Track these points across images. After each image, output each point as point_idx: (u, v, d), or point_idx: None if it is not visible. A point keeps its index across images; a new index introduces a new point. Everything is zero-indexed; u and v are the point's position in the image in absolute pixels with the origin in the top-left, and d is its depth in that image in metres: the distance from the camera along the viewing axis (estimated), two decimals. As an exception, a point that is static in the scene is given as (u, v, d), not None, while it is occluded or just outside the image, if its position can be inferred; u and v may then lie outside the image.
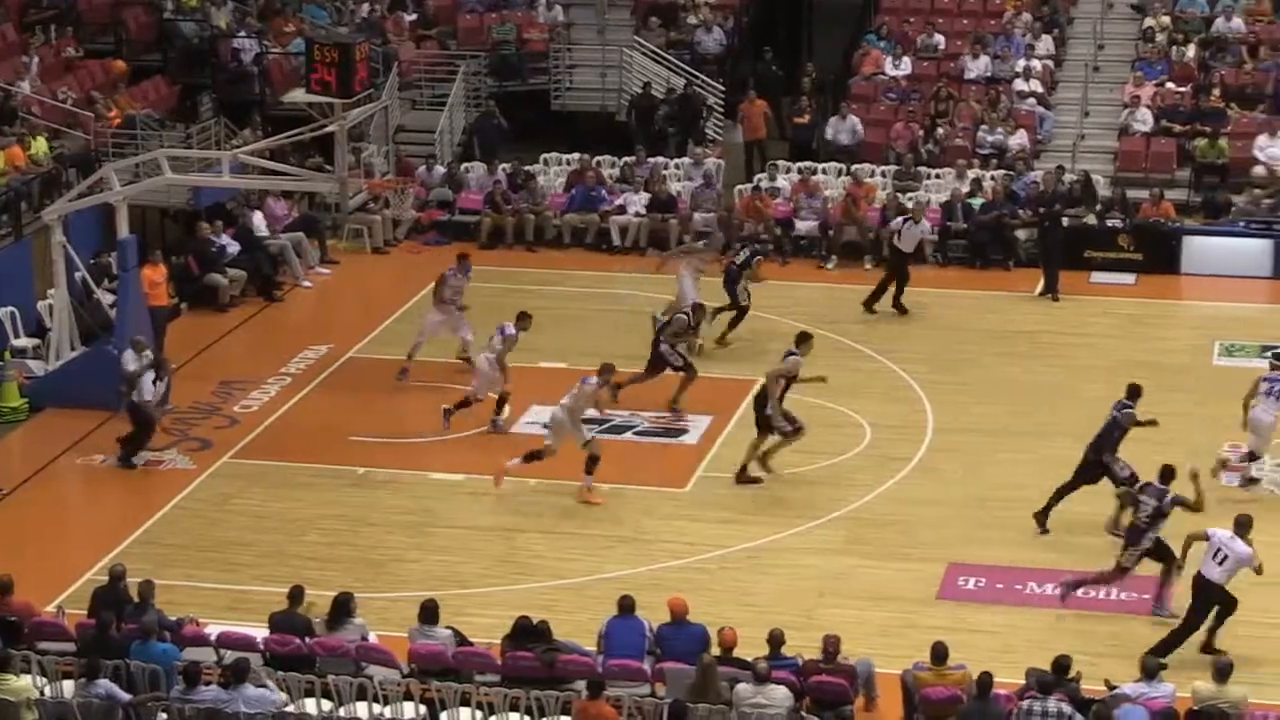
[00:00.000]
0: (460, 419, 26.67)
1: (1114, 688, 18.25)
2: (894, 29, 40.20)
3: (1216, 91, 37.07)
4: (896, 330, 30.83)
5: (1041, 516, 23.69)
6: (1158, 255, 33.82)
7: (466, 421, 26.85)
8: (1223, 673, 18.10)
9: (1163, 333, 31.32)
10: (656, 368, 27.61)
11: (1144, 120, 36.89)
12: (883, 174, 36.61)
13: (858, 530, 23.96)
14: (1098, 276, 33.48)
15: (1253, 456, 25.15)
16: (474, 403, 26.76)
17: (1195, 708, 17.91)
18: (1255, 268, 33.48)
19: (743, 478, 25.24)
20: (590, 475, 24.73)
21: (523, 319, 27.04)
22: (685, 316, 27.88)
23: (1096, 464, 23.68)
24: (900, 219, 32.26)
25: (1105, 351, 29.94)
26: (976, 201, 34.91)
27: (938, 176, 36.44)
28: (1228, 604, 20.39)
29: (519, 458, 24.93)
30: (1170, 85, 37.61)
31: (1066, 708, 17.71)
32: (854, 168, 36.51)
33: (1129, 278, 33.55)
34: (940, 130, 37.40)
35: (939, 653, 18.60)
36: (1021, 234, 34.45)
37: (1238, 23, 38.77)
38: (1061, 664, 18.27)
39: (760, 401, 25.29)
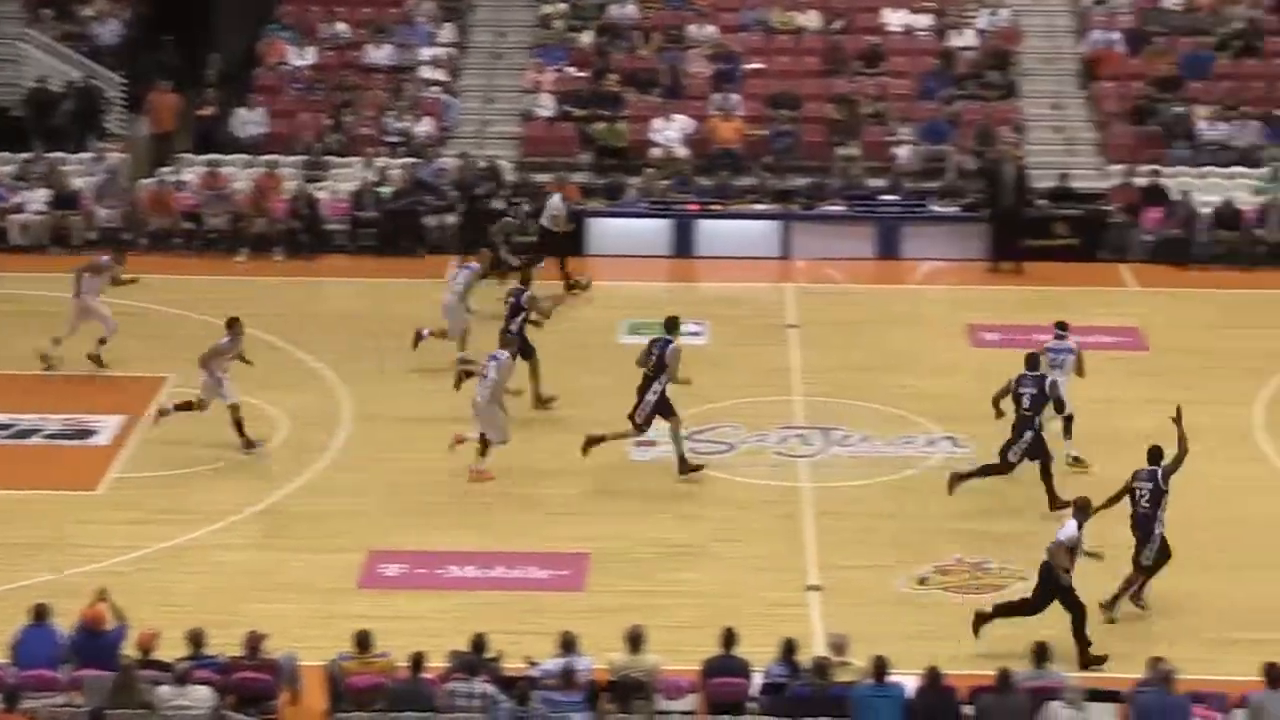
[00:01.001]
0: None
1: (535, 664, 18.57)
2: (297, 18, 40.00)
3: (614, 76, 38.05)
4: (308, 320, 30.72)
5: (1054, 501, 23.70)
6: (566, 238, 34.47)
7: None
8: (635, 641, 18.59)
9: (572, 313, 31.90)
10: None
11: (546, 105, 37.63)
12: (291, 165, 36.40)
13: (278, 523, 23.80)
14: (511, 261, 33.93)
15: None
16: (199, 409, 25.64)
17: (612, 678, 18.35)
18: (656, 247, 34.53)
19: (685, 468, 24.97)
20: (485, 457, 24.73)
21: (233, 325, 25.96)
22: (538, 298, 27.33)
23: (1035, 440, 23.85)
24: (557, 197, 32.44)
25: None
26: (386, 190, 35.08)
27: (346, 166, 36.45)
28: (1065, 599, 20.31)
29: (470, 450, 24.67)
30: (570, 70, 38.45)
31: (491, 688, 17.96)
32: (262, 159, 36.21)
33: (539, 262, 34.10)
34: (347, 119, 37.39)
35: (362, 641, 18.62)
36: (432, 221, 34.77)
37: (632, 9, 39.87)
38: (478, 642, 18.53)
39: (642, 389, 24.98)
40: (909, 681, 18.16)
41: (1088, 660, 20.12)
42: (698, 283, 33.87)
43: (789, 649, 18.63)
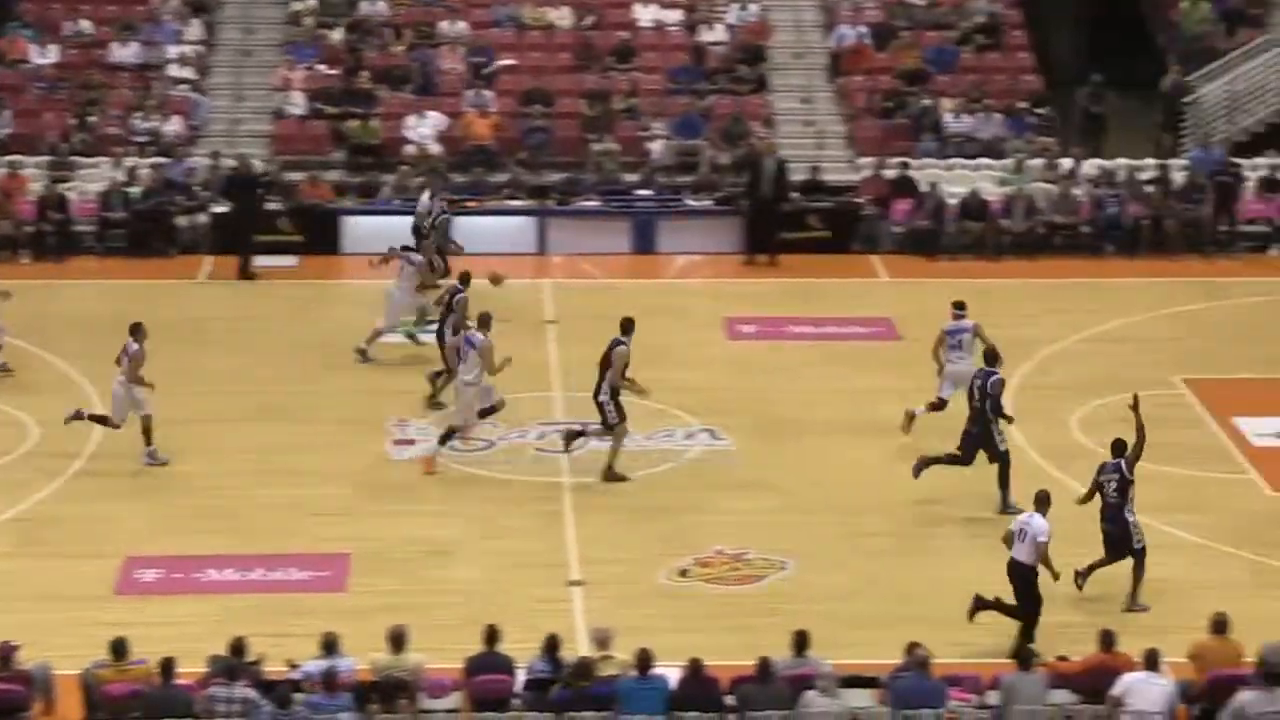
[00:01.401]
0: None
1: (296, 666, 18.40)
2: (38, 15, 39.23)
3: (366, 74, 37.81)
4: (57, 323, 30.18)
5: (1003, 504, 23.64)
6: (319, 236, 34.31)
7: None
8: (398, 641, 18.50)
9: (328, 312, 31.78)
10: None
11: (297, 103, 37.30)
12: (36, 166, 35.69)
13: (30, 532, 23.34)
14: (261, 260, 33.60)
15: (939, 405, 25.68)
16: (115, 426, 25.07)
17: (375, 679, 18.24)
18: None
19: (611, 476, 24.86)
20: (443, 446, 25.00)
21: (137, 331, 25.24)
22: (466, 297, 27.01)
23: (979, 435, 23.81)
24: (425, 194, 32.16)
25: (276, 334, 30.15)
26: (135, 190, 34.56)
27: (93, 166, 35.83)
28: (1031, 597, 20.37)
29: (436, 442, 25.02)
30: (321, 68, 38.14)
31: (251, 692, 17.77)
32: (5, 159, 35.45)
33: (292, 260, 33.87)
34: (93, 119, 36.74)
35: (118, 649, 18.30)
36: (183, 221, 34.34)
37: (382, 6, 39.64)
38: (238, 646, 18.32)
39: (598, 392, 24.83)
40: (672, 673, 18.28)
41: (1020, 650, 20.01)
42: (453, 280, 33.68)
43: (551, 645, 18.64)
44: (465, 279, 27.61)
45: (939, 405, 25.60)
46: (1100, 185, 35.65)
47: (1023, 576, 20.40)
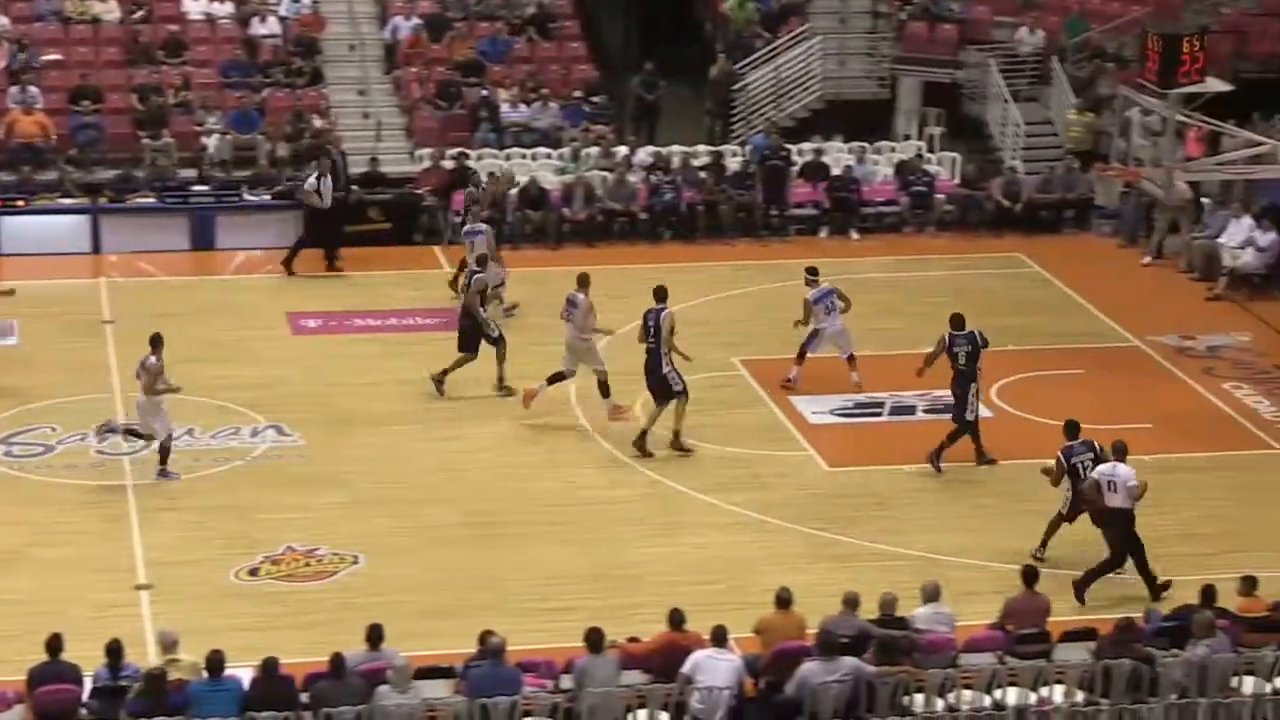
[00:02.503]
0: None
1: None
2: None
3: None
4: None
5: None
6: None
7: None
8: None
9: None
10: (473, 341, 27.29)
11: None
12: None
13: None
14: None
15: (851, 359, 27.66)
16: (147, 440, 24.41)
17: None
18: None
19: (643, 447, 25.47)
20: (608, 397, 26.18)
21: (156, 343, 24.25)
22: (484, 277, 27.70)
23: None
24: (314, 172, 31.70)
25: None
26: None
27: None
28: (1130, 539, 21.58)
29: (545, 380, 26.11)
30: None
31: None
32: None
33: None
34: None
35: None
36: None
37: None
38: None
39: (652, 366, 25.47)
40: (245, 674, 18.08)
41: (1158, 590, 21.61)
42: (3, 281, 32.76)
43: (112, 650, 18.23)
44: (481, 261, 28.22)
45: (852, 358, 27.64)
46: (655, 172, 36.29)
47: (1121, 523, 21.64)
